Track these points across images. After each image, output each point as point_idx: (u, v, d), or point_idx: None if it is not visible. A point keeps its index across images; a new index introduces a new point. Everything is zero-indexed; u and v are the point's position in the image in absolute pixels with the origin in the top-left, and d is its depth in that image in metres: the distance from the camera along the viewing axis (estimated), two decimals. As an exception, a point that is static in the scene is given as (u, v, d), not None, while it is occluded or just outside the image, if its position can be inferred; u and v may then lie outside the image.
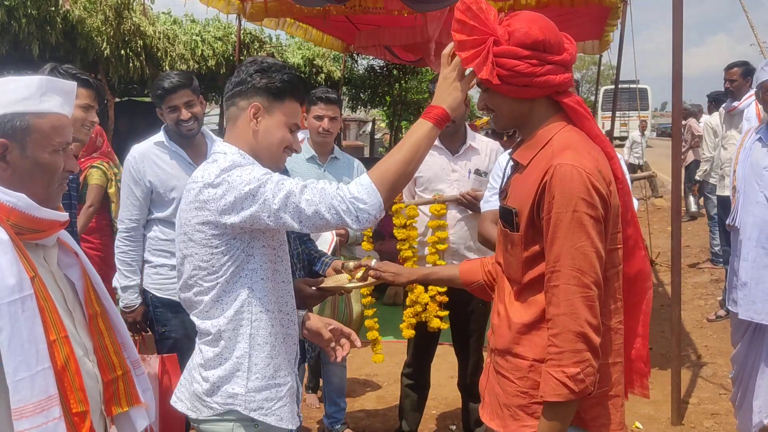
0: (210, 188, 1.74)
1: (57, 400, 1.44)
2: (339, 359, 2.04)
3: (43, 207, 1.52)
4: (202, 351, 1.86)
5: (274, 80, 1.85)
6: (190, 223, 1.79)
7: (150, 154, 3.00)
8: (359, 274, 2.22)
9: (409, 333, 3.29)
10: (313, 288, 2.21)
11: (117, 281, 3.07)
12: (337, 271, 2.36)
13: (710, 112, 8.00)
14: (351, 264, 2.24)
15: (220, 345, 1.82)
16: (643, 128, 14.14)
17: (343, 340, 2.04)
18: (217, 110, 12.05)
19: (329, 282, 2.26)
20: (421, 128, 1.75)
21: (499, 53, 1.66)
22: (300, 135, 2.27)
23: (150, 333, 3.19)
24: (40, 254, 1.58)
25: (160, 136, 3.04)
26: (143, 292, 3.10)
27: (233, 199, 1.71)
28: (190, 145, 3.02)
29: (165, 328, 3.08)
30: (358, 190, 1.68)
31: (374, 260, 2.23)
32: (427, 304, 3.23)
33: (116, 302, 2.85)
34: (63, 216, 1.58)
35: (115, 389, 1.70)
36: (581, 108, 1.73)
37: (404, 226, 3.31)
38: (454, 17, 1.70)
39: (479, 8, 1.67)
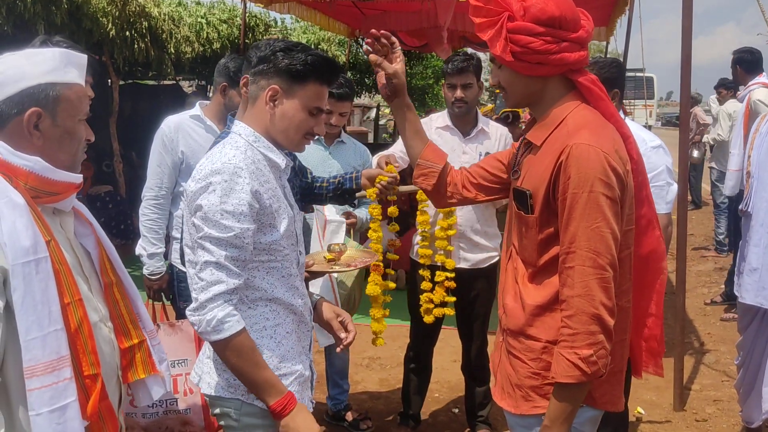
0: (197, 182, 1.68)
1: (68, 361, 1.46)
2: (339, 350, 2.06)
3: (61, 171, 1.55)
4: None
5: (296, 61, 1.73)
6: (192, 204, 1.71)
7: (184, 126, 3.04)
8: (350, 254, 2.28)
9: (430, 318, 3.26)
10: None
11: (142, 248, 3.09)
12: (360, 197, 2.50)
13: (721, 101, 7.93)
14: (337, 247, 2.28)
15: None
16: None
17: (346, 334, 2.05)
18: (222, 94, 11.89)
19: (316, 266, 2.29)
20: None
21: (514, 29, 1.61)
22: None
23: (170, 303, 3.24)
24: (56, 221, 1.60)
25: (196, 110, 3.07)
26: (169, 267, 3.14)
27: (204, 215, 1.66)
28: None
29: (186, 303, 3.11)
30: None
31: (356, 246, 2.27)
32: (432, 289, 3.21)
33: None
34: (77, 177, 1.60)
35: (131, 357, 1.73)
36: (596, 87, 1.68)
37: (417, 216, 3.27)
38: None
39: None
